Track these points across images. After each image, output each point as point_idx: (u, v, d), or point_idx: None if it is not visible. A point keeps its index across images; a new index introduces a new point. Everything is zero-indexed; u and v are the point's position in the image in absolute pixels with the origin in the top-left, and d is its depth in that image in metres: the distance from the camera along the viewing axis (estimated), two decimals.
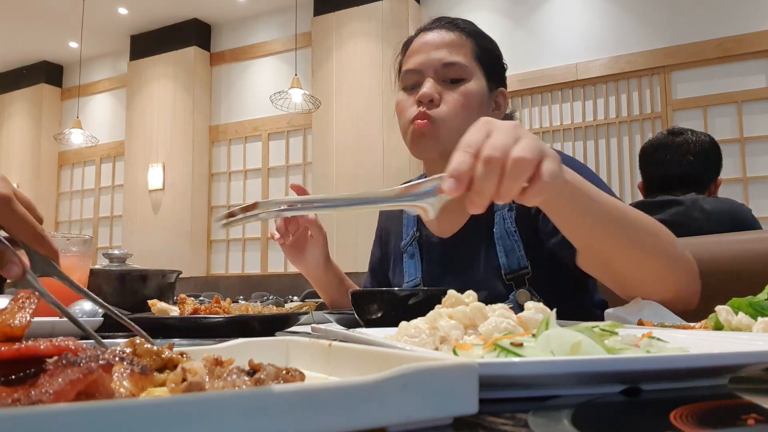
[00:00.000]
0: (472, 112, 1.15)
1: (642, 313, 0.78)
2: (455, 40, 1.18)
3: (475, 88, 1.17)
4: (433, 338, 0.53)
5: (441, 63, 1.16)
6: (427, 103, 1.14)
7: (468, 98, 1.15)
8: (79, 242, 1.06)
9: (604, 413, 0.36)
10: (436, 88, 1.15)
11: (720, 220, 1.69)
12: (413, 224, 1.33)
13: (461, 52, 1.17)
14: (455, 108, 1.14)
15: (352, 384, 0.27)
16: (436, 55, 1.17)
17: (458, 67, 1.16)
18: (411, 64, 1.20)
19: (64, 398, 0.26)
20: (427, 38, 1.20)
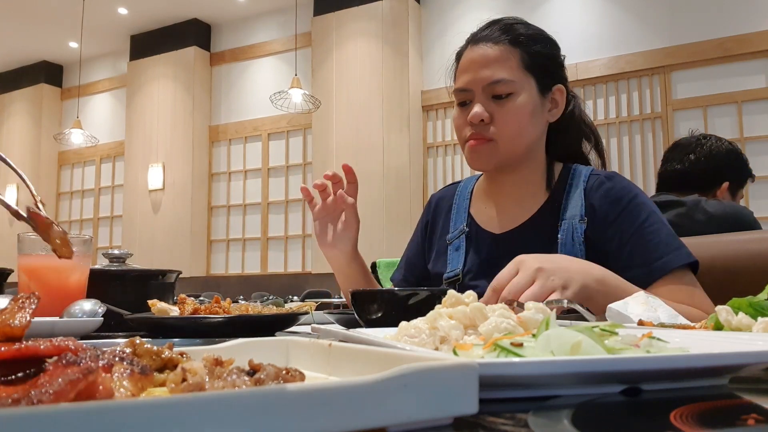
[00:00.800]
0: (524, 123, 1.19)
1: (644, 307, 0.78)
2: (500, 54, 1.20)
3: (524, 101, 1.19)
4: (433, 338, 0.53)
5: (487, 82, 1.18)
6: (478, 123, 1.18)
7: (518, 113, 1.18)
8: (79, 242, 1.06)
9: (604, 413, 0.36)
10: (487, 107, 1.18)
11: (722, 223, 1.69)
12: (463, 219, 1.34)
13: (506, 66, 1.19)
14: (507, 126, 1.18)
15: (352, 384, 0.27)
16: (483, 73, 1.19)
17: (504, 83, 1.18)
18: (460, 83, 1.23)
19: (64, 398, 0.26)
20: (473, 55, 1.22)
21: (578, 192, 1.22)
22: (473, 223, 1.33)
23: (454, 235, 1.34)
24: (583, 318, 0.78)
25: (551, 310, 0.51)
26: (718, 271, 1.39)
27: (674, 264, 1.10)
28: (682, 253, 1.12)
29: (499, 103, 1.19)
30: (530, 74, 1.21)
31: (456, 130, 1.26)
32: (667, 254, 1.11)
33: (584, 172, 1.25)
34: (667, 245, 1.12)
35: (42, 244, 1.04)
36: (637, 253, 1.12)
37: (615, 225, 1.16)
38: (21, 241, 1.04)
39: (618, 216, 1.17)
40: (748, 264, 1.35)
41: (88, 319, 0.85)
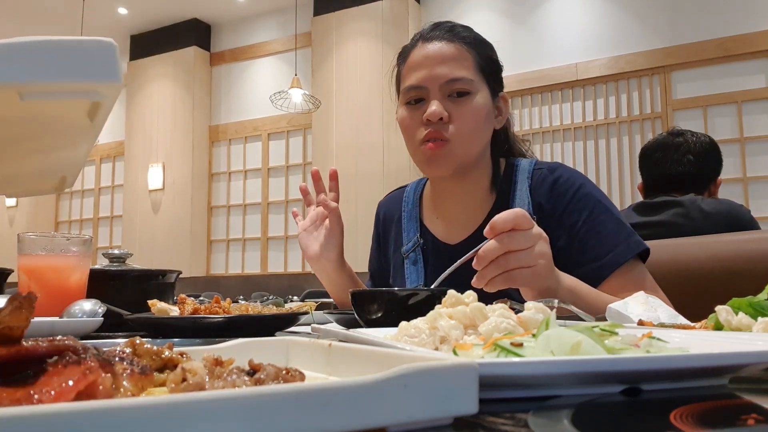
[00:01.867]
0: (481, 125, 1.16)
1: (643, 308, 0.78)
2: (457, 52, 1.16)
3: (481, 102, 1.16)
4: (433, 338, 0.53)
5: (446, 79, 1.14)
6: (437, 122, 1.13)
7: (476, 113, 1.15)
8: (79, 242, 1.06)
9: (604, 413, 0.36)
10: (444, 105, 1.14)
11: (718, 221, 1.69)
12: (415, 229, 1.31)
13: (464, 65, 1.15)
14: (466, 125, 1.14)
15: (352, 384, 0.27)
16: (440, 70, 1.14)
17: (464, 81, 1.14)
18: (414, 79, 1.17)
19: (64, 398, 0.26)
20: (428, 51, 1.17)
21: (524, 189, 1.19)
22: (427, 233, 1.29)
23: (408, 247, 1.31)
24: (579, 318, 0.78)
25: (551, 310, 0.51)
26: (718, 271, 1.39)
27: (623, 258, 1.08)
28: (631, 243, 1.10)
29: (456, 102, 1.14)
30: (483, 77, 1.18)
31: (404, 131, 1.20)
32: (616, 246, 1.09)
33: (527, 167, 1.22)
34: (616, 236, 1.10)
35: (42, 243, 1.05)
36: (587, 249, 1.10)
37: (562, 220, 1.14)
38: (21, 241, 1.04)
39: (564, 210, 1.14)
40: (748, 264, 1.35)
41: (88, 319, 0.85)
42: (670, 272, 1.41)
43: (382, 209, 1.44)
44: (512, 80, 5.63)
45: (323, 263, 1.30)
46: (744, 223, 1.71)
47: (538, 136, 5.59)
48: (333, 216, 1.27)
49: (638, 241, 1.11)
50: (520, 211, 0.85)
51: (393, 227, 1.38)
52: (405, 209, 1.35)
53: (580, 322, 0.68)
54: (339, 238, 1.29)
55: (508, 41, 5.76)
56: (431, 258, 1.28)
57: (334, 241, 1.28)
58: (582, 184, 1.16)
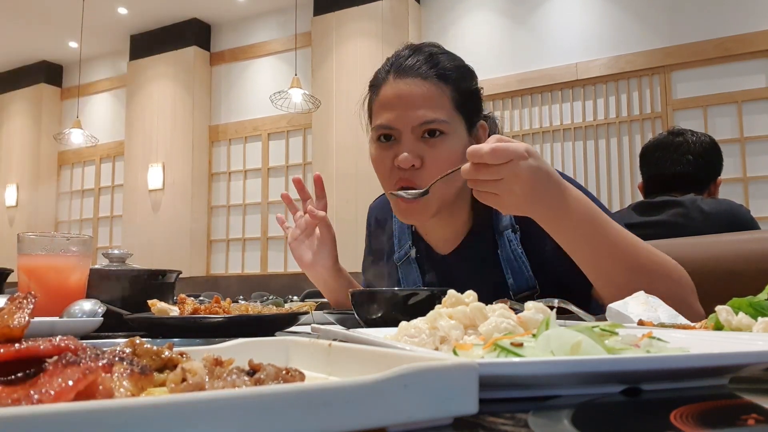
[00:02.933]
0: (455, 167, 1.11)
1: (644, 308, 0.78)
2: (431, 92, 1.09)
3: (455, 142, 1.10)
4: (433, 338, 0.53)
5: (419, 122, 1.08)
6: (408, 168, 1.08)
7: (451, 156, 1.09)
8: (78, 242, 1.06)
9: (604, 413, 0.36)
10: (415, 148, 1.08)
11: (719, 221, 1.69)
12: (407, 237, 1.30)
13: (438, 105, 1.09)
14: (438, 170, 1.06)
15: (352, 384, 0.27)
16: (413, 113, 1.08)
17: (437, 123, 1.08)
18: (384, 119, 1.11)
19: (64, 398, 0.26)
20: (400, 90, 1.10)
21: None
22: (421, 242, 1.28)
23: (400, 255, 1.30)
24: (579, 318, 0.78)
25: (551, 310, 0.51)
26: (718, 271, 1.39)
27: None
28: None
29: (429, 144, 1.08)
30: (459, 114, 1.12)
31: (376, 170, 1.15)
32: None
33: None
34: None
35: (42, 243, 1.05)
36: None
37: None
38: (21, 241, 1.04)
39: None
40: (748, 264, 1.35)
41: (88, 319, 0.85)
42: None
43: (373, 214, 1.43)
44: (512, 80, 5.63)
45: (319, 270, 1.28)
46: (744, 223, 1.71)
47: (538, 136, 5.59)
48: (322, 224, 1.25)
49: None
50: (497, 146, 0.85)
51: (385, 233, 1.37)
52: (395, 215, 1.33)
53: (580, 322, 0.68)
54: (332, 245, 1.26)
55: (508, 41, 5.77)
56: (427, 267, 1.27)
57: (327, 249, 1.26)
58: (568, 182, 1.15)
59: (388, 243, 1.35)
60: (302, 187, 1.29)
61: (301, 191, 1.30)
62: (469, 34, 5.82)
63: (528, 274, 1.14)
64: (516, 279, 1.15)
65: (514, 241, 1.15)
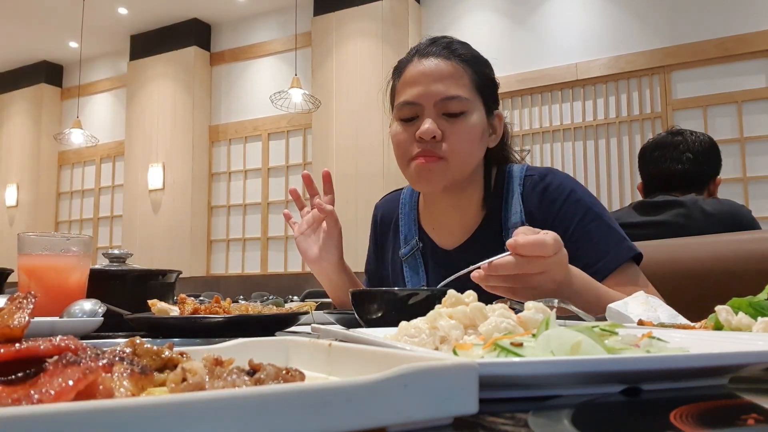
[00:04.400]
0: (476, 144, 1.14)
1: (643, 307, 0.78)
2: (454, 70, 1.13)
3: (476, 121, 1.14)
4: (433, 338, 0.53)
5: (441, 97, 1.11)
6: (430, 140, 1.11)
7: (471, 132, 1.13)
8: (79, 242, 1.06)
9: (604, 413, 0.36)
10: (438, 123, 1.12)
11: (720, 221, 1.69)
12: (414, 233, 1.30)
13: (461, 84, 1.13)
14: (459, 144, 1.12)
15: (352, 384, 0.27)
16: (436, 88, 1.12)
17: (459, 100, 1.12)
18: (408, 95, 1.15)
19: (64, 398, 0.26)
20: (423, 68, 1.14)
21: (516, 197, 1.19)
22: (426, 237, 1.28)
23: (406, 251, 1.30)
24: (579, 318, 0.78)
25: (552, 310, 0.51)
26: (718, 271, 1.39)
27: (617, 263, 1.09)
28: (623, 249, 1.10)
29: (450, 121, 1.12)
30: (480, 95, 1.16)
31: (396, 147, 1.18)
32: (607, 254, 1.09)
33: (518, 174, 1.22)
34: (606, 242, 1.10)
35: (42, 243, 1.05)
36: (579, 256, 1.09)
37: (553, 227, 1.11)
38: (21, 241, 1.04)
39: (555, 217, 1.14)
40: (748, 264, 1.35)
41: (88, 319, 0.85)
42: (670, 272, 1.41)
43: (379, 211, 1.43)
44: (512, 80, 5.63)
45: (324, 266, 1.29)
46: (745, 223, 1.70)
47: (538, 136, 5.59)
48: (330, 219, 1.26)
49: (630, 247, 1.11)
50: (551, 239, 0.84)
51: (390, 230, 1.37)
52: (402, 212, 1.35)
53: (580, 322, 0.68)
54: (338, 240, 1.28)
55: (508, 41, 5.77)
56: (431, 262, 1.27)
57: (333, 243, 1.27)
58: (572, 190, 1.16)
59: (393, 239, 1.35)
60: (311, 183, 1.30)
61: (309, 187, 1.30)
62: (469, 34, 5.82)
63: None
64: None
65: None
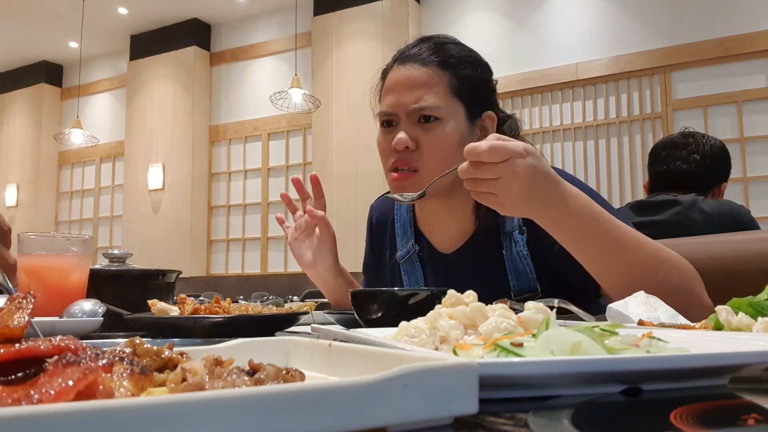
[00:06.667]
0: (451, 151, 1.13)
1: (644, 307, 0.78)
2: (428, 78, 1.13)
3: (451, 129, 1.13)
4: (433, 338, 0.53)
5: (412, 107, 1.12)
6: (403, 150, 1.12)
7: (444, 140, 1.12)
8: (79, 242, 1.06)
9: (604, 413, 0.36)
10: (411, 132, 1.12)
11: (719, 222, 1.69)
12: (410, 235, 1.30)
13: (434, 91, 1.12)
14: (433, 154, 1.12)
15: (352, 384, 0.27)
16: (408, 97, 1.13)
17: (431, 109, 1.12)
18: (384, 104, 1.17)
19: (64, 398, 0.26)
20: (399, 76, 1.16)
21: None
22: (424, 240, 1.28)
23: (403, 254, 1.30)
24: (579, 318, 0.78)
25: (552, 310, 0.51)
26: (718, 271, 1.39)
27: None
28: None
29: (425, 128, 1.12)
30: (459, 100, 1.14)
31: (380, 155, 1.19)
32: None
33: None
34: None
35: (42, 243, 1.05)
36: None
37: None
38: (21, 241, 1.04)
39: None
40: (748, 264, 1.35)
41: (88, 319, 0.86)
42: None
43: (374, 213, 1.43)
44: (512, 80, 5.63)
45: (319, 270, 1.29)
46: (744, 224, 1.71)
47: (538, 136, 5.59)
48: (321, 224, 1.27)
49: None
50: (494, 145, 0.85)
51: (387, 232, 1.36)
52: (398, 214, 1.34)
53: (580, 322, 0.68)
54: (332, 244, 1.28)
55: (508, 41, 5.76)
56: (429, 265, 1.26)
57: (327, 248, 1.28)
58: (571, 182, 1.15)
59: (390, 241, 1.35)
60: (301, 187, 1.31)
61: (300, 191, 1.31)
62: (469, 34, 5.82)
63: (531, 276, 1.14)
64: (518, 281, 1.15)
65: (521, 243, 1.15)
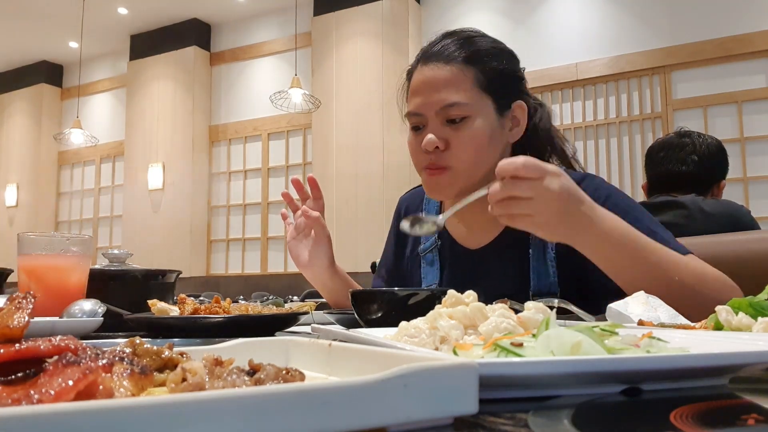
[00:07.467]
0: (482, 147, 1.13)
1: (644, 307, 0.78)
2: (452, 76, 1.13)
3: (481, 125, 1.12)
4: (433, 338, 0.53)
5: (440, 106, 1.11)
6: (433, 150, 1.12)
7: (475, 138, 1.12)
8: (79, 242, 1.06)
9: (604, 413, 0.36)
10: (441, 132, 1.12)
11: (720, 222, 1.69)
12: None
13: (462, 89, 1.12)
14: (464, 152, 1.11)
15: (352, 384, 0.27)
16: (434, 97, 1.12)
17: (458, 107, 1.11)
18: (412, 105, 1.16)
19: (64, 398, 0.26)
20: (423, 77, 1.15)
21: None
22: (447, 235, 1.27)
23: (426, 246, 1.29)
24: (579, 318, 0.78)
25: (552, 310, 0.51)
26: None
27: None
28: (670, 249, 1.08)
29: (454, 128, 1.12)
30: (487, 94, 1.14)
31: (411, 156, 1.19)
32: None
33: None
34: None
35: (42, 243, 1.05)
36: None
37: None
38: (21, 241, 1.04)
39: None
40: (748, 264, 1.35)
41: (88, 319, 0.86)
42: None
43: (403, 204, 1.42)
44: None
45: (315, 270, 1.30)
46: (744, 224, 1.71)
47: None
48: (317, 225, 1.27)
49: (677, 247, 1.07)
50: (529, 160, 0.84)
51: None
52: (425, 207, 1.34)
53: (580, 322, 0.68)
54: (327, 245, 1.28)
55: (508, 41, 5.71)
56: (448, 260, 1.25)
57: (322, 249, 1.28)
58: (608, 196, 1.14)
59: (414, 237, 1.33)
60: (300, 188, 1.31)
61: (299, 191, 1.31)
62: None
63: (553, 279, 1.13)
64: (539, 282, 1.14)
65: (549, 246, 1.14)
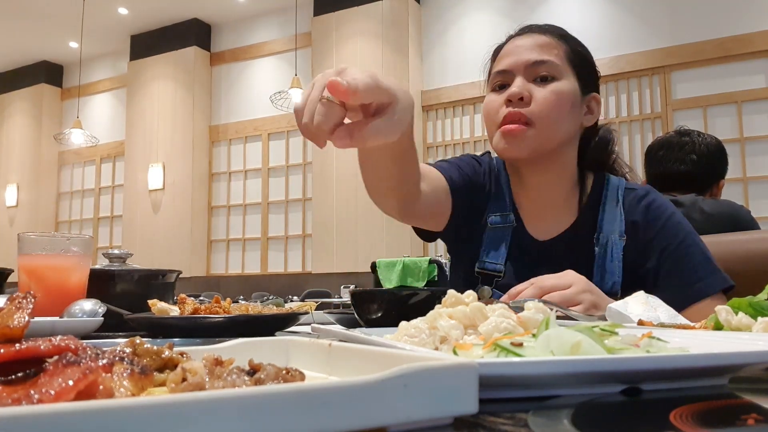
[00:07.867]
0: (564, 111, 1.12)
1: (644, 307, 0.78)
2: (546, 42, 1.16)
3: (566, 88, 1.13)
4: (433, 338, 0.53)
5: (531, 61, 1.13)
6: (517, 101, 1.11)
7: (559, 97, 1.12)
8: (79, 242, 1.06)
9: (604, 413, 0.36)
10: (526, 86, 1.12)
11: (719, 222, 1.69)
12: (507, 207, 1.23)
13: (552, 53, 1.15)
14: (547, 107, 1.11)
15: (352, 384, 0.27)
16: (527, 55, 1.14)
17: (549, 65, 1.13)
18: (500, 65, 1.18)
19: (64, 398, 0.26)
20: (517, 42, 1.18)
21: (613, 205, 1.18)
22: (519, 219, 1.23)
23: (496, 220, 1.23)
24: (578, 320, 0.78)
25: (551, 310, 0.51)
26: None
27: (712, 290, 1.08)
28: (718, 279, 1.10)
29: (540, 85, 1.12)
30: (572, 68, 1.16)
31: (486, 116, 1.17)
32: (704, 279, 1.09)
33: (617, 184, 1.21)
34: (704, 269, 1.10)
35: (42, 243, 1.05)
36: (674, 275, 1.10)
37: (653, 243, 1.13)
38: (21, 241, 1.04)
39: (656, 234, 1.14)
40: (748, 264, 1.35)
41: (88, 319, 0.85)
42: None
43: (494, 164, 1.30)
44: None
45: None
46: (744, 223, 1.71)
47: None
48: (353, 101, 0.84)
49: (725, 278, 1.10)
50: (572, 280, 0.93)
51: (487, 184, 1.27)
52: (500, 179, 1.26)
53: (580, 322, 0.68)
54: None
55: None
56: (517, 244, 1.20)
57: None
58: (673, 213, 1.17)
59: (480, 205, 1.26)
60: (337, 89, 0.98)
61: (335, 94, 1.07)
62: (469, 34, 5.82)
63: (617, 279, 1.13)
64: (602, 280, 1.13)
65: (618, 246, 1.14)
